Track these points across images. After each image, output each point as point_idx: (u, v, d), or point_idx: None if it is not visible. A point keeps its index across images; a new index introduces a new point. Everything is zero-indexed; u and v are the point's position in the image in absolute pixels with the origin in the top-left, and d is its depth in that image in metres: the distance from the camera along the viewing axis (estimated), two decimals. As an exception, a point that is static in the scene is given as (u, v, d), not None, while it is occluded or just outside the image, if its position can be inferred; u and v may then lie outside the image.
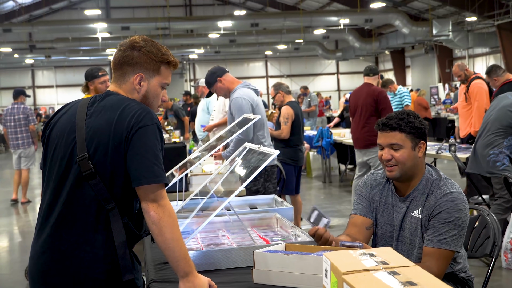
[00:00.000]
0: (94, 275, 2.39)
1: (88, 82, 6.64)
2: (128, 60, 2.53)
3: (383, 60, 39.18)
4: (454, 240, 2.93)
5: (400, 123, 3.02)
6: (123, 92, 2.55)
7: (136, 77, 2.53)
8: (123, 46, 2.56)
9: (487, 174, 6.09)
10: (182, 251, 2.37)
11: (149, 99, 2.58)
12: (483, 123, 6.27)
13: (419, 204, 3.05)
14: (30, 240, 2.54)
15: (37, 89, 40.02)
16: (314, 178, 12.97)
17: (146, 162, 2.34)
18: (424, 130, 3.07)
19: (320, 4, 32.43)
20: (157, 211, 2.33)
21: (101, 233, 2.40)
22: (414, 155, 3.04)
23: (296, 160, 7.68)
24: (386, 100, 8.15)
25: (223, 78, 5.67)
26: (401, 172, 3.05)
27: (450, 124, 19.39)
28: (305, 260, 2.48)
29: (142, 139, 2.36)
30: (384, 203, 3.19)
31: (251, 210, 3.98)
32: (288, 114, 7.69)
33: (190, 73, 40.68)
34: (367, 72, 8.48)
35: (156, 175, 2.34)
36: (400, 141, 3.02)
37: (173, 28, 27.11)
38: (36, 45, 30.47)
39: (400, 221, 3.10)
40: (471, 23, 26.50)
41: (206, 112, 9.26)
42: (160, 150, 2.40)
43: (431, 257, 2.93)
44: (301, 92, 18.03)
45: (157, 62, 2.55)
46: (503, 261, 5.83)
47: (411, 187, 3.09)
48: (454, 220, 2.93)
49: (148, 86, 2.56)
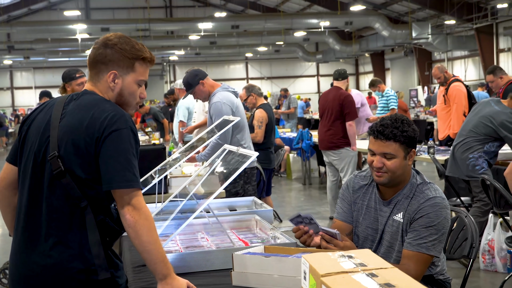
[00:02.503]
0: (71, 274, 2.37)
1: (66, 83, 6.58)
2: (101, 58, 2.50)
3: (363, 63, 39.37)
4: (434, 245, 2.94)
5: (395, 133, 2.97)
6: (98, 90, 2.52)
7: (109, 74, 2.49)
8: (97, 44, 2.54)
9: (466, 178, 6.13)
10: (160, 253, 2.36)
11: (125, 97, 2.54)
12: (463, 126, 6.31)
13: (401, 208, 3.05)
14: (9, 243, 2.51)
15: (16, 90, 39.70)
16: (294, 180, 12.99)
17: (117, 166, 2.32)
18: (416, 138, 3.06)
19: (300, 7, 32.50)
20: (132, 214, 2.32)
21: (75, 232, 2.38)
22: (405, 164, 3.04)
23: (268, 163, 7.65)
24: (352, 105, 8.27)
25: (205, 81, 5.64)
26: (389, 179, 3.04)
27: (429, 127, 19.49)
28: (284, 262, 2.48)
29: (115, 142, 2.34)
30: (367, 207, 3.19)
31: (230, 212, 3.97)
32: (262, 117, 7.63)
33: (171, 75, 40.57)
34: (336, 76, 8.59)
35: (127, 179, 2.32)
36: (393, 151, 2.99)
37: (153, 30, 27.03)
38: (14, 46, 30.22)
39: (383, 225, 3.11)
40: (450, 26, 26.74)
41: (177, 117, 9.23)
42: (134, 154, 2.37)
43: (410, 260, 2.93)
44: (281, 94, 18.07)
45: (130, 59, 2.50)
46: (481, 263, 5.88)
47: (395, 191, 3.10)
48: (436, 225, 2.94)
49: (123, 84, 2.52)
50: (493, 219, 5.85)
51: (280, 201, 10.52)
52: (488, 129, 5.99)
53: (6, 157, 2.63)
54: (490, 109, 6.08)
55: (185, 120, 8.94)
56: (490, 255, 5.80)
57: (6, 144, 28.87)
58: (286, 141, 12.93)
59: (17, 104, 39.26)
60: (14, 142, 2.62)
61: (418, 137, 3.09)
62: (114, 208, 2.46)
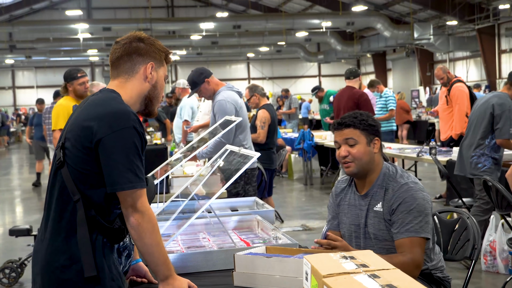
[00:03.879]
0: (56, 268, 2.34)
1: (67, 83, 6.59)
2: (137, 50, 2.50)
3: (365, 63, 39.36)
4: (421, 227, 2.98)
5: (354, 121, 3.13)
6: (130, 85, 2.49)
7: (148, 65, 2.50)
8: (125, 39, 2.51)
9: (470, 176, 6.14)
10: (162, 255, 2.36)
11: (157, 90, 2.56)
12: (468, 124, 6.32)
13: (379, 199, 3.12)
14: (9, 242, 2.52)
15: (17, 90, 39.74)
16: (296, 180, 12.98)
17: (120, 167, 2.29)
18: (377, 128, 3.18)
19: (302, 7, 32.52)
20: (135, 217, 2.31)
21: (64, 226, 2.35)
22: (370, 151, 3.13)
23: (269, 163, 7.64)
24: (367, 103, 8.19)
25: (210, 80, 5.64)
26: (358, 168, 3.13)
27: (430, 127, 19.51)
28: (285, 263, 2.48)
29: (117, 142, 2.30)
30: (348, 205, 3.26)
31: (232, 213, 3.96)
32: (265, 118, 7.62)
33: (172, 75, 40.59)
34: (347, 75, 8.53)
35: (130, 180, 2.29)
36: (355, 136, 3.11)
37: (155, 30, 27.04)
38: (16, 45, 30.28)
39: (364, 218, 3.16)
40: (452, 27, 26.73)
41: (180, 117, 9.23)
42: (137, 153, 2.33)
43: (404, 247, 2.97)
44: (282, 95, 18.06)
45: (163, 53, 2.56)
46: (482, 264, 5.87)
47: (369, 183, 3.17)
48: (415, 207, 2.99)
49: (157, 76, 2.55)
50: (495, 220, 5.84)
51: (281, 201, 10.52)
52: (485, 117, 5.99)
53: (8, 156, 2.64)
54: (486, 98, 6.14)
55: (190, 119, 8.94)
56: (492, 257, 5.80)
57: (8, 143, 28.90)
58: (287, 141, 12.92)
59: (18, 103, 39.29)
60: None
61: (380, 128, 3.21)
62: (117, 208, 2.44)
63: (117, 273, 2.41)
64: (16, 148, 26.95)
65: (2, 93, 39.40)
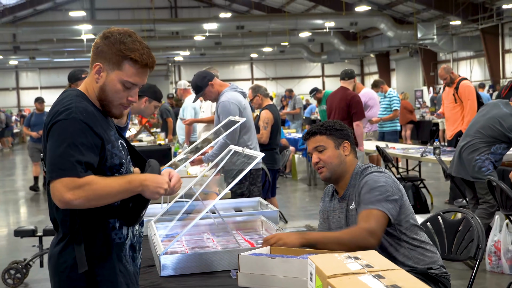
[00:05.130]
0: (62, 269, 2.36)
1: (71, 84, 6.60)
2: (95, 48, 2.42)
3: (368, 63, 39.33)
4: (379, 201, 3.01)
5: (320, 128, 3.27)
6: (88, 83, 2.45)
7: (94, 66, 2.40)
8: (100, 35, 2.45)
9: (471, 179, 6.11)
10: (118, 188, 2.27)
11: (107, 93, 2.40)
12: (470, 127, 6.28)
13: (352, 197, 3.19)
14: (14, 243, 2.53)
15: (21, 91, 39.79)
16: (299, 180, 12.97)
17: (48, 160, 2.24)
18: (345, 131, 3.29)
19: (305, 7, 32.50)
20: (75, 194, 2.18)
21: (57, 215, 2.37)
22: (339, 154, 3.24)
23: (273, 164, 7.63)
24: (359, 105, 8.27)
25: (213, 82, 5.64)
26: (330, 171, 3.23)
27: (434, 127, 19.48)
28: (290, 263, 2.48)
29: (54, 134, 2.24)
30: (333, 210, 3.33)
31: (236, 213, 3.97)
32: (268, 118, 7.58)
33: (176, 75, 40.61)
34: (342, 76, 8.60)
35: (62, 168, 2.19)
36: (322, 143, 3.24)
37: (158, 30, 27.08)
38: (20, 46, 30.33)
39: (344, 219, 3.23)
40: (455, 27, 26.69)
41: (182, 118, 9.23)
42: (78, 142, 2.23)
43: (361, 219, 2.99)
44: (286, 95, 18.06)
45: (117, 56, 2.36)
46: (487, 264, 5.86)
47: (344, 185, 3.27)
48: (377, 188, 3.05)
49: (106, 79, 2.39)
50: (499, 220, 5.83)
51: (285, 201, 10.52)
52: (496, 131, 5.97)
53: (12, 157, 2.64)
54: (499, 111, 6.05)
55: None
56: (497, 257, 5.78)
57: (12, 144, 28.95)
58: (291, 141, 12.92)
59: (22, 104, 39.33)
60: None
61: (349, 132, 3.31)
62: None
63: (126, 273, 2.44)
64: (20, 149, 26.98)
65: (6, 94, 39.46)
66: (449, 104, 8.84)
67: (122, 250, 2.42)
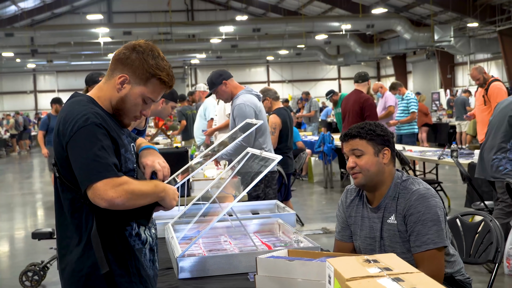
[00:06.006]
0: (79, 277, 2.37)
1: (89, 87, 6.64)
2: (123, 58, 2.43)
3: (385, 66, 39.20)
4: (439, 236, 2.93)
5: (360, 131, 3.08)
6: (101, 90, 2.47)
7: (120, 76, 2.41)
8: (126, 45, 2.48)
9: (491, 179, 6.09)
10: (148, 189, 2.32)
11: (126, 104, 2.44)
12: (489, 127, 6.26)
13: (392, 210, 3.06)
14: (31, 245, 2.55)
15: (39, 94, 40.05)
16: (316, 183, 12.96)
17: (80, 166, 2.25)
18: (387, 137, 3.10)
19: (322, 10, 32.46)
20: (116, 191, 2.22)
21: (72, 221, 2.41)
22: (378, 161, 3.07)
23: (285, 167, 7.58)
24: (372, 108, 8.27)
25: (228, 82, 5.64)
26: (366, 179, 3.08)
27: (451, 130, 19.39)
28: (308, 266, 2.47)
29: (80, 140, 2.25)
30: (361, 217, 3.21)
31: (253, 216, 3.97)
32: (275, 123, 7.48)
33: (192, 78, 40.70)
34: (356, 79, 8.62)
35: (93, 173, 2.22)
36: (361, 147, 3.06)
37: (175, 33, 27.16)
38: (38, 49, 30.51)
39: (379, 231, 3.11)
40: (472, 28, 26.52)
41: (203, 118, 9.25)
42: (102, 147, 2.26)
43: (424, 261, 2.93)
44: (302, 97, 18.05)
45: (148, 72, 2.41)
46: (505, 268, 5.81)
47: (380, 195, 3.11)
48: (429, 217, 2.93)
49: (130, 91, 2.42)
50: (517, 223, 5.79)
51: (301, 204, 10.51)
52: (505, 121, 5.93)
53: (30, 160, 2.66)
54: (508, 102, 6.06)
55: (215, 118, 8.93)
56: (515, 260, 5.74)
57: (30, 147, 29.14)
58: (307, 144, 12.92)
59: (40, 107, 39.58)
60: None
61: (391, 137, 3.13)
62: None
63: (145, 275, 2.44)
64: (37, 152, 27.13)
65: (24, 97, 39.75)
66: (480, 105, 8.68)
67: (142, 255, 2.43)
